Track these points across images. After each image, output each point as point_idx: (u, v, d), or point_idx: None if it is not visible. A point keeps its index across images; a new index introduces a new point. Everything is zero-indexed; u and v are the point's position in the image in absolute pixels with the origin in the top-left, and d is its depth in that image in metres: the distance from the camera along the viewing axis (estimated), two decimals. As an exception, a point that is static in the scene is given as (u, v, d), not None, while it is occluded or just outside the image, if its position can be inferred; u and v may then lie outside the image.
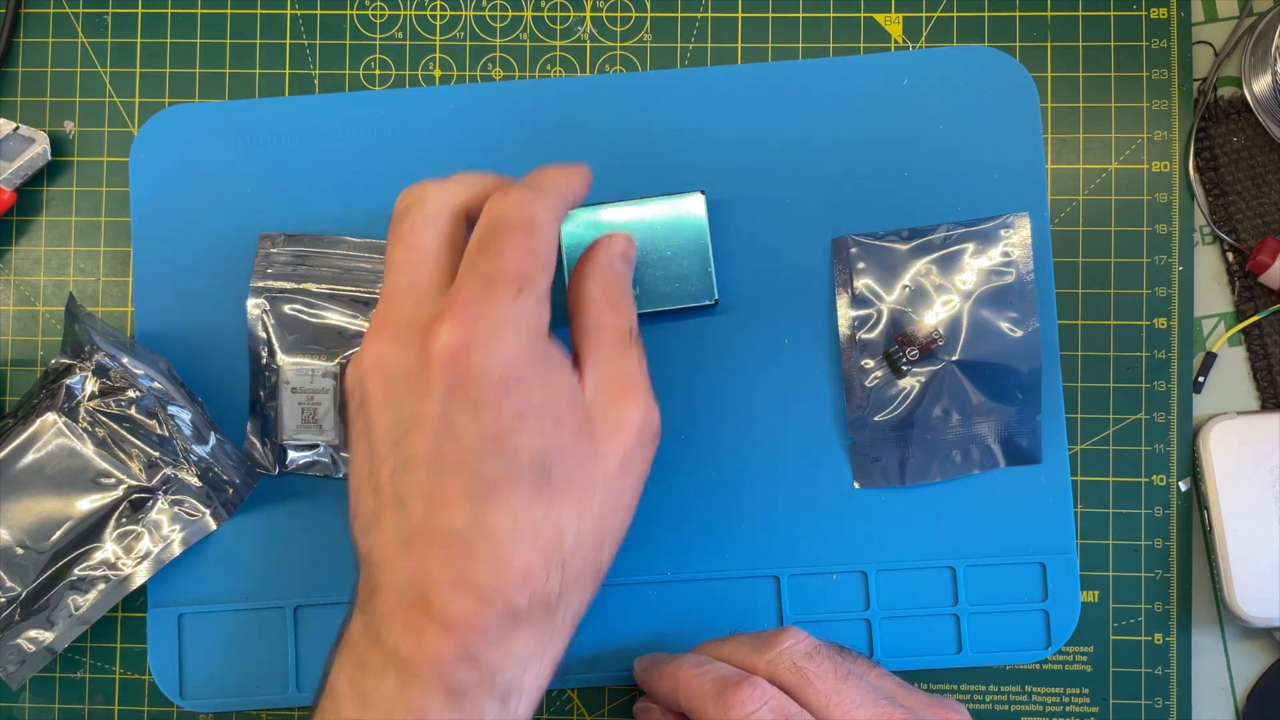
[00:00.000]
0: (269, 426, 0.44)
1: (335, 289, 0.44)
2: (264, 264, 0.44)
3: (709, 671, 0.38)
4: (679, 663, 0.40)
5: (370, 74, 0.47)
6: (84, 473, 0.42)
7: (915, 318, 0.45)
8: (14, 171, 0.46)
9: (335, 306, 0.44)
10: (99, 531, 0.42)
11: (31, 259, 0.47)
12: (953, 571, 0.45)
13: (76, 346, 0.42)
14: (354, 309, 0.44)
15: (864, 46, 0.47)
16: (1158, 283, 0.46)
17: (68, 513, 0.42)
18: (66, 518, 0.42)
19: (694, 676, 0.38)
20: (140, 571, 0.42)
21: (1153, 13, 0.47)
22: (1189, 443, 0.46)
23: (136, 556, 0.42)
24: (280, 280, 0.44)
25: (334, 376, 0.44)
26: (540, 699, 0.35)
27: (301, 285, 0.44)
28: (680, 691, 0.39)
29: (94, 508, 0.42)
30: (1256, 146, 0.46)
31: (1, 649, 0.42)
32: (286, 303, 0.44)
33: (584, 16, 0.47)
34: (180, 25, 0.47)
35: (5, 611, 0.42)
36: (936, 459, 0.45)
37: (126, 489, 0.42)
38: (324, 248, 0.44)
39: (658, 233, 0.44)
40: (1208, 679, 0.46)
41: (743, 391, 0.45)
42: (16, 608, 0.42)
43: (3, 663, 0.42)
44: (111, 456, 0.42)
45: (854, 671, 0.38)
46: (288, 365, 0.44)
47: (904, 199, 0.46)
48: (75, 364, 0.42)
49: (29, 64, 0.47)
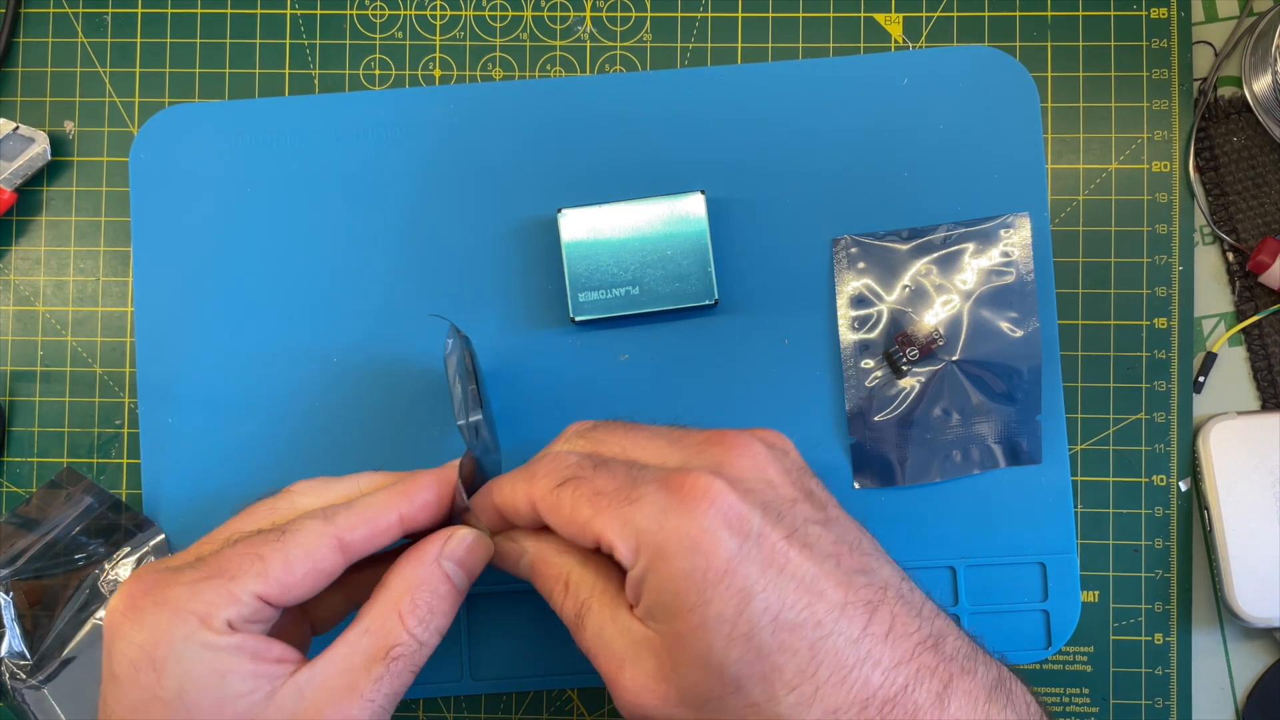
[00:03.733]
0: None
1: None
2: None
3: (512, 474, 0.37)
4: (487, 488, 0.38)
5: (370, 74, 0.47)
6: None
7: (915, 318, 0.45)
8: (14, 171, 0.46)
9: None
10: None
11: (31, 259, 0.47)
12: (953, 571, 0.45)
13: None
14: None
15: (864, 46, 0.47)
16: (1158, 283, 0.46)
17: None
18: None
19: (504, 482, 0.37)
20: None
21: (1153, 12, 0.47)
22: (1189, 443, 0.46)
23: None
24: None
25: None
26: None
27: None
28: (497, 500, 0.37)
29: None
30: (1256, 146, 0.46)
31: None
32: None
33: (584, 16, 0.47)
34: (180, 25, 0.47)
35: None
36: (936, 459, 0.45)
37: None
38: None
39: (658, 233, 0.44)
40: (1208, 679, 0.46)
41: (743, 391, 0.45)
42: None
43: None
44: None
45: (638, 425, 0.38)
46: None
47: (904, 199, 0.46)
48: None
49: (29, 64, 0.47)
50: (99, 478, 0.47)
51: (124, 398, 0.47)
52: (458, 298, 0.46)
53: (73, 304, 0.47)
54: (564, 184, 0.46)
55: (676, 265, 0.44)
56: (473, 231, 0.46)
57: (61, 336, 0.47)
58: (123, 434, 0.47)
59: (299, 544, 0.34)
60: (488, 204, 0.46)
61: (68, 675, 0.43)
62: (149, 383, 0.45)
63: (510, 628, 0.45)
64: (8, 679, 0.42)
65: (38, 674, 0.43)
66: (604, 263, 0.44)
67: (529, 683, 0.46)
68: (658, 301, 0.44)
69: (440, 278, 0.46)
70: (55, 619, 0.43)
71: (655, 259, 0.44)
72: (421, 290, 0.46)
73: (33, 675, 0.42)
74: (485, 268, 0.46)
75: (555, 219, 0.44)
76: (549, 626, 0.45)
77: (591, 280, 0.44)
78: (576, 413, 0.45)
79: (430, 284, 0.46)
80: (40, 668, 0.43)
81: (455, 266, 0.46)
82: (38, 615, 0.43)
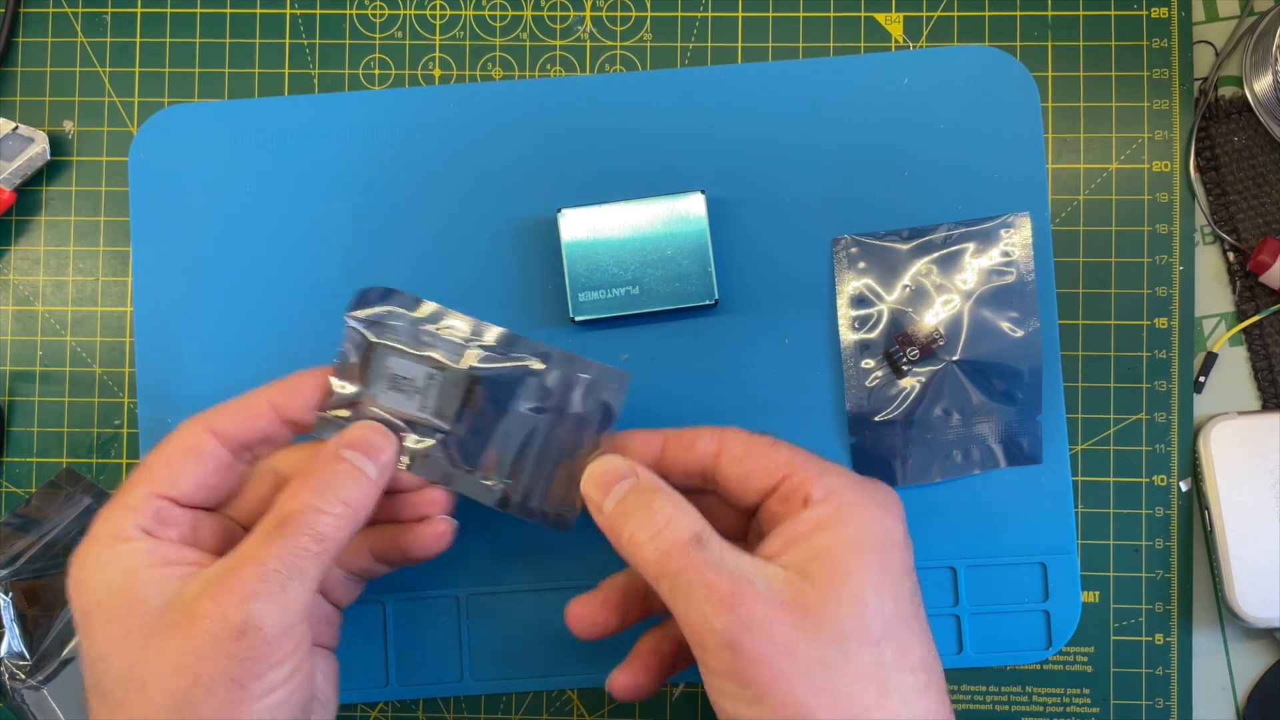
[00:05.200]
0: None
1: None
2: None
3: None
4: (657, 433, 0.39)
5: (370, 74, 0.47)
6: None
7: (915, 318, 0.45)
8: (13, 171, 0.46)
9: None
10: None
11: (31, 259, 0.47)
12: (953, 571, 0.45)
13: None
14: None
15: (864, 46, 0.47)
16: (1158, 282, 0.46)
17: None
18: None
19: (690, 430, 0.39)
20: None
21: (1153, 12, 0.47)
22: (1189, 443, 0.46)
23: None
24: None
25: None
26: None
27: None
28: (674, 435, 0.39)
29: None
30: (1257, 146, 0.46)
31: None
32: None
33: (584, 16, 0.47)
34: (180, 25, 0.47)
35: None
36: (937, 459, 0.45)
37: None
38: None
39: (658, 233, 0.44)
40: (1208, 679, 0.46)
41: (743, 391, 0.45)
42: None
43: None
44: None
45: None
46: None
47: (904, 199, 0.46)
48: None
49: (29, 64, 0.47)
50: (99, 478, 0.47)
51: (123, 398, 0.47)
52: (458, 298, 0.46)
53: (72, 304, 0.47)
54: (564, 184, 0.46)
55: (676, 265, 0.44)
56: (473, 231, 0.46)
57: (61, 336, 0.47)
58: (122, 434, 0.47)
59: (174, 441, 0.37)
60: (488, 204, 0.46)
61: (67, 675, 0.43)
62: (148, 383, 0.45)
63: (510, 628, 0.45)
64: (7, 679, 0.42)
65: (37, 674, 0.43)
66: (604, 263, 0.44)
67: (529, 683, 0.46)
68: (658, 301, 0.44)
69: (440, 278, 0.46)
70: (55, 619, 0.43)
71: (655, 259, 0.44)
72: (421, 290, 0.45)
73: (32, 675, 0.42)
74: (485, 268, 0.46)
75: (555, 219, 0.44)
76: (549, 627, 0.45)
77: (591, 280, 0.44)
78: (576, 413, 0.45)
79: (430, 284, 0.46)
80: (40, 668, 0.43)
81: (455, 266, 0.46)
82: (37, 615, 0.43)
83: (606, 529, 0.36)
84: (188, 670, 0.32)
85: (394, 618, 0.45)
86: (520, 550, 0.45)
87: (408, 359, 0.39)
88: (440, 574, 0.45)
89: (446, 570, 0.45)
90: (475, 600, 0.45)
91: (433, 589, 0.45)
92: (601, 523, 0.37)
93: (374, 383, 0.39)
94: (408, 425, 0.39)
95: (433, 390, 0.39)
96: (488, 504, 0.39)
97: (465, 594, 0.45)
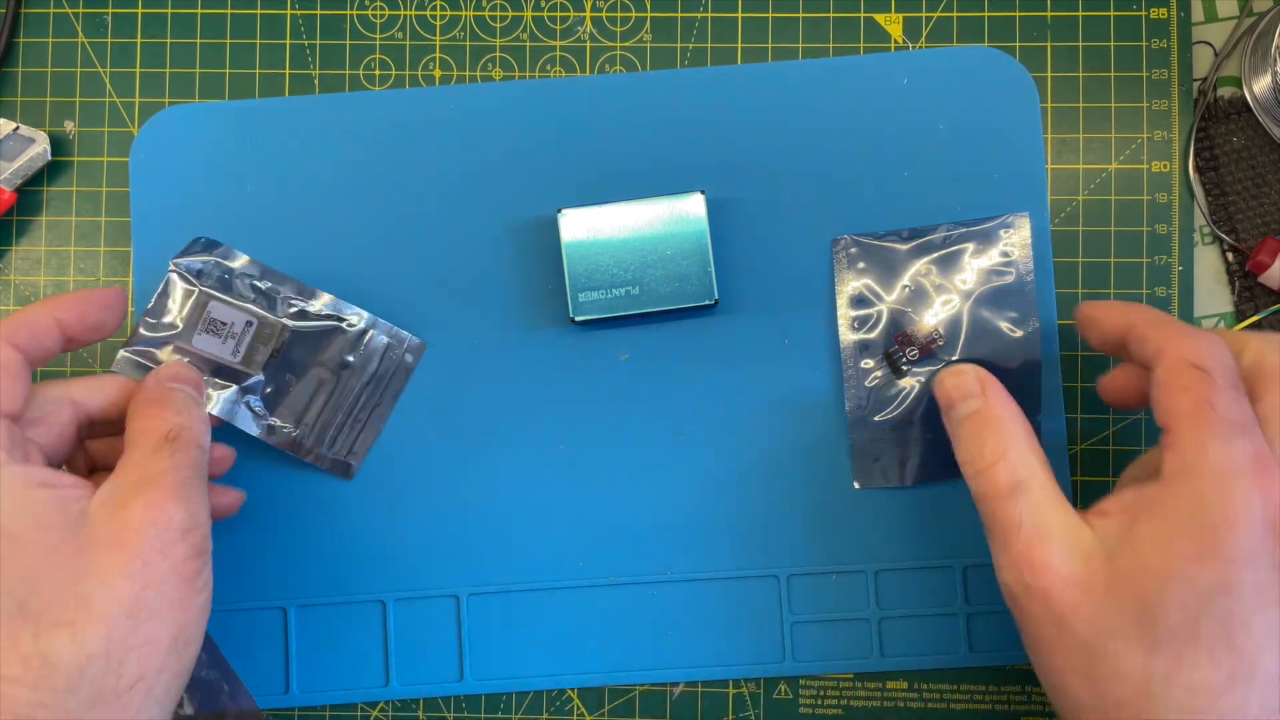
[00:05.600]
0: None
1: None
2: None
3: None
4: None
5: (370, 74, 0.47)
6: None
7: (915, 318, 0.45)
8: (14, 171, 0.46)
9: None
10: None
11: (31, 259, 0.47)
12: (953, 572, 0.45)
13: None
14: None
15: (864, 46, 0.47)
16: (1158, 283, 0.46)
17: None
18: None
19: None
20: None
21: (1153, 13, 0.47)
22: (1189, 443, 0.46)
23: None
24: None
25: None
26: None
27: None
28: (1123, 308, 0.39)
29: None
30: (1256, 146, 0.46)
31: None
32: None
33: (584, 16, 0.47)
34: (180, 25, 0.47)
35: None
36: (937, 459, 0.45)
37: None
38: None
39: (658, 233, 0.44)
40: (1208, 679, 0.46)
41: (743, 391, 0.45)
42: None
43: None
44: None
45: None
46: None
47: (904, 199, 0.46)
48: None
49: (29, 64, 0.47)
50: (99, 478, 0.47)
51: (124, 398, 0.47)
52: (457, 298, 0.46)
53: (73, 304, 0.47)
54: (564, 184, 0.46)
55: (676, 265, 0.44)
56: (473, 231, 0.46)
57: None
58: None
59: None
60: (488, 204, 0.46)
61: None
62: (149, 383, 0.45)
63: (509, 628, 0.45)
64: None
65: None
66: (604, 263, 0.44)
67: (529, 683, 0.46)
68: (658, 301, 0.44)
69: (440, 278, 0.46)
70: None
71: (655, 259, 0.44)
72: (421, 290, 0.46)
73: None
74: (485, 268, 0.46)
75: (555, 219, 0.44)
76: (548, 626, 0.45)
77: (591, 280, 0.44)
78: (576, 413, 0.45)
79: (430, 284, 0.46)
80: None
81: (455, 266, 0.46)
82: None
83: (949, 432, 0.40)
84: (137, 575, 0.33)
85: (394, 618, 0.45)
86: (520, 550, 0.45)
87: (228, 306, 0.43)
88: (440, 574, 0.45)
89: (446, 570, 0.45)
90: (475, 600, 0.45)
91: (432, 589, 0.45)
92: (946, 426, 0.40)
93: (190, 326, 0.42)
94: (213, 372, 0.42)
95: (246, 337, 0.42)
96: (281, 447, 0.43)
97: (465, 594, 0.45)
